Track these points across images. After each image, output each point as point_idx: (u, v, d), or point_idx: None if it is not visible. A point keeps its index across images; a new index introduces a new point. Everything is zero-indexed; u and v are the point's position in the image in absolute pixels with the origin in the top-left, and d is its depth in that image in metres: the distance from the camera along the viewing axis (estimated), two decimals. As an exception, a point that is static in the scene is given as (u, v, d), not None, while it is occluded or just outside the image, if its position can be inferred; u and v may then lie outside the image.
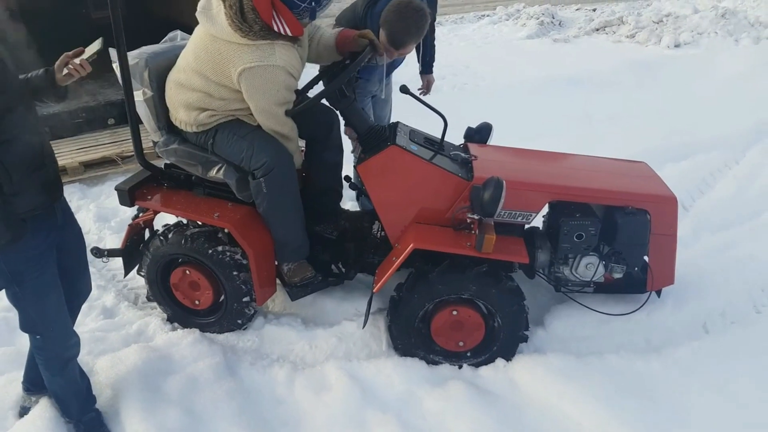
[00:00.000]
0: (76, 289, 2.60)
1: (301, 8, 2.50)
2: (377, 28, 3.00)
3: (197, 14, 2.65)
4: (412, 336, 2.90)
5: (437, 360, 2.93)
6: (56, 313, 2.38)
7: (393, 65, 3.75)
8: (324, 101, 2.88)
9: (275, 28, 2.52)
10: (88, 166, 5.17)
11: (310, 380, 2.87)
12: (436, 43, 4.12)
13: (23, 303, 2.31)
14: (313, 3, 2.50)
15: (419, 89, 4.11)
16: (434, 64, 4.15)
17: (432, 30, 3.92)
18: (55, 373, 2.50)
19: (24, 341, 2.59)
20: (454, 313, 2.81)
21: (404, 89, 2.80)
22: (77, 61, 2.24)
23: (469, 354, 2.92)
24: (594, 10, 11.59)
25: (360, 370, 2.87)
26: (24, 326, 2.39)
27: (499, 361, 2.86)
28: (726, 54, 7.84)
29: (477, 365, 2.89)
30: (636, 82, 6.98)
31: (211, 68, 2.64)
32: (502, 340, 2.84)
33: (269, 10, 2.48)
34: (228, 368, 2.92)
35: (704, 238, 3.73)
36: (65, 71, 2.25)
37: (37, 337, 2.42)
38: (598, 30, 10.02)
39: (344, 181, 3.37)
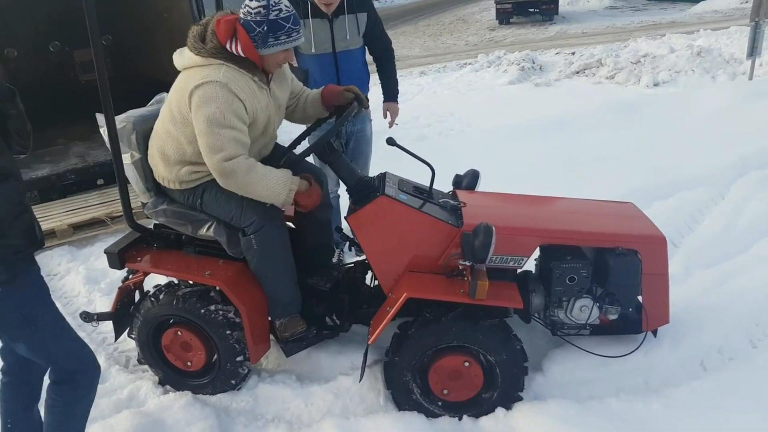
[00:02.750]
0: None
1: (255, 32, 2.58)
2: None
3: (174, 54, 2.75)
4: (413, 393, 2.85)
5: (438, 412, 2.87)
6: (71, 334, 2.40)
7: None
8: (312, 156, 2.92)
9: (228, 47, 2.62)
10: (77, 227, 5.11)
11: (306, 440, 2.79)
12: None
13: (42, 342, 2.29)
14: (265, 27, 2.58)
15: (388, 122, 4.17)
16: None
17: (392, 57, 4.06)
18: (88, 390, 2.47)
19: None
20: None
21: (391, 141, 2.83)
22: None
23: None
24: (573, 53, 11.88)
25: (358, 427, 2.80)
26: (48, 363, 2.39)
27: (499, 411, 2.81)
28: (704, 91, 7.99)
29: (477, 416, 2.84)
30: (618, 123, 7.05)
31: (176, 102, 2.69)
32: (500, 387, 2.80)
33: (228, 33, 2.61)
34: (222, 431, 2.86)
35: (696, 275, 3.73)
36: None
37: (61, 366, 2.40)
38: (578, 73, 10.26)
39: (335, 232, 3.38)
